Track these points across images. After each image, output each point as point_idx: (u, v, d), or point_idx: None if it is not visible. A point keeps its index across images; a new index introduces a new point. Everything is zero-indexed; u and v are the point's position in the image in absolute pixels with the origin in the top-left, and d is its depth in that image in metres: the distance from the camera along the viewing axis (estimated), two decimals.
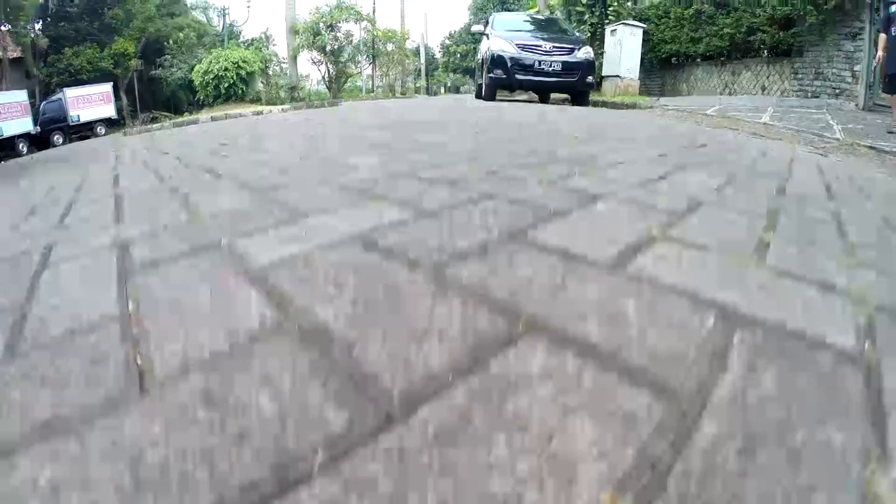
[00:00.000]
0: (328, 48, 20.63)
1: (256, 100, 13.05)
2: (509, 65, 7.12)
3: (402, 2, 34.60)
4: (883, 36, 3.76)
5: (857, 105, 5.71)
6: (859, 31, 5.62)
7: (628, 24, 8.79)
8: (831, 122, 4.60)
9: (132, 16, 20.12)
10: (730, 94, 7.94)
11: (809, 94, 6.38)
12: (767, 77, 7.11)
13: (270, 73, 21.35)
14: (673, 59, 9.21)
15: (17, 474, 0.45)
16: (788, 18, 6.17)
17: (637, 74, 9.07)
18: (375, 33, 21.61)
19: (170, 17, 22.50)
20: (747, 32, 7.00)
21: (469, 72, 34.08)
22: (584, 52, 7.29)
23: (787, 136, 4.00)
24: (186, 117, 10.84)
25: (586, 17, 9.91)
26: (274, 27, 33.25)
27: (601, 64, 9.71)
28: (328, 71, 21.61)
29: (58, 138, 16.06)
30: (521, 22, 8.78)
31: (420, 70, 34.97)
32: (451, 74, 39.79)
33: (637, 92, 9.10)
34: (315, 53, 21.21)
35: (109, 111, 17.77)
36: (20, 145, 14.24)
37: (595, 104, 7.59)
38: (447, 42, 39.68)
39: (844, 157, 3.20)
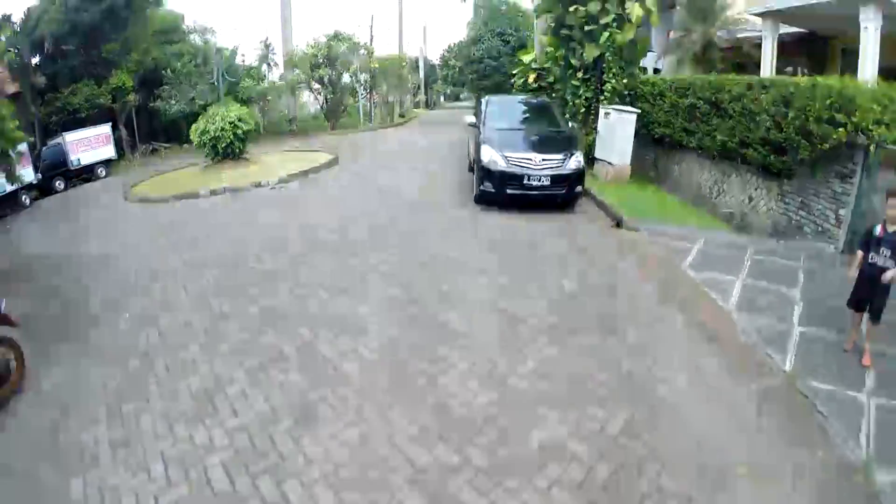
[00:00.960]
0: (326, 79, 20.78)
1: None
2: (498, 180, 7.33)
3: (400, 18, 34.31)
4: (860, 253, 3.88)
5: (836, 248, 5.87)
6: (850, 174, 5.75)
7: (622, 111, 8.92)
8: (796, 305, 4.75)
9: (129, 47, 20.12)
10: (718, 193, 8.08)
11: (793, 222, 6.54)
12: (756, 189, 7.24)
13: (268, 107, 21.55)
14: (666, 139, 9.31)
15: None
16: (781, 146, 6.31)
17: (629, 160, 9.22)
18: (373, 65, 21.57)
19: (168, 43, 22.49)
20: (740, 143, 7.13)
21: (466, 84, 34.20)
22: (575, 162, 7.47)
23: (734, 347, 4.19)
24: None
25: (581, 91, 10.00)
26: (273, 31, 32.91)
27: (594, 139, 9.88)
28: (326, 101, 21.74)
29: (59, 184, 16.33)
30: (514, 110, 8.91)
31: (419, 85, 34.98)
32: (451, 87, 39.65)
33: (628, 177, 9.27)
34: (314, 83, 21.37)
35: (109, 152, 18.01)
36: (23, 197, 14.47)
37: (581, 198, 7.70)
38: (446, 55, 39.45)
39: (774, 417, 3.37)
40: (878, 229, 3.74)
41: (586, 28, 9.31)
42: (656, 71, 14.06)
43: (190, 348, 4.53)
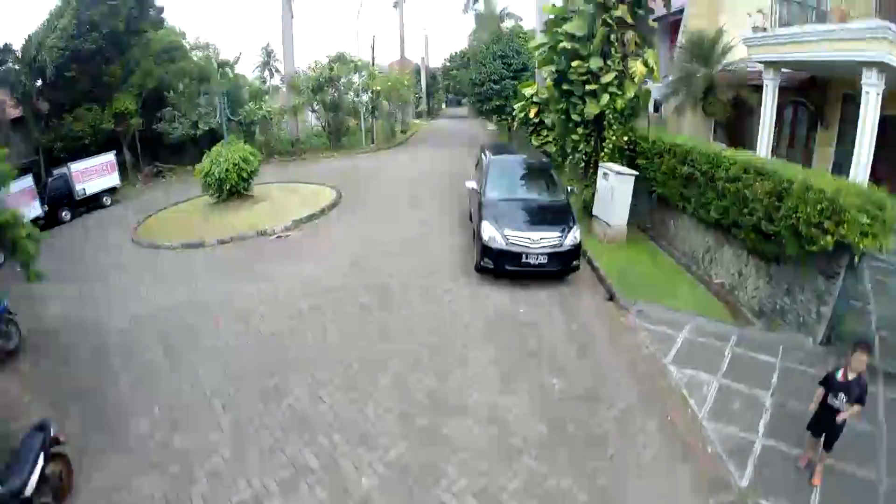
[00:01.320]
0: (329, 99, 20.90)
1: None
2: (498, 257, 7.56)
3: (402, 28, 34.41)
4: (819, 391, 4.16)
5: (814, 341, 6.11)
6: (835, 275, 5.95)
7: (621, 174, 9.06)
8: (765, 412, 5.02)
9: (131, 70, 20.26)
10: (710, 262, 8.28)
11: (777, 307, 6.74)
12: (746, 265, 7.43)
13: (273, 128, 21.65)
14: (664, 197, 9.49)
15: None
16: (770, 237, 6.51)
17: (626, 221, 9.41)
18: (375, 87, 21.64)
19: (170, 62, 22.57)
20: (733, 223, 7.32)
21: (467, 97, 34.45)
22: (572, 239, 7.69)
23: (700, 459, 4.50)
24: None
25: (581, 146, 10.15)
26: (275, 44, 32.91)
27: (593, 194, 10.07)
28: (329, 123, 21.88)
29: (66, 214, 16.59)
30: (514, 175, 9.08)
31: (420, 97, 35.09)
32: (452, 96, 39.75)
33: (625, 238, 9.49)
34: (316, 104, 21.50)
35: (114, 180, 18.24)
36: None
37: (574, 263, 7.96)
38: (448, 65, 39.39)
39: None
40: (840, 374, 4.02)
41: (587, 87, 9.43)
42: (656, 107, 14.12)
43: (221, 451, 4.83)
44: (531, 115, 14.35)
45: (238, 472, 4.58)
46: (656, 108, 14.18)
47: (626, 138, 9.67)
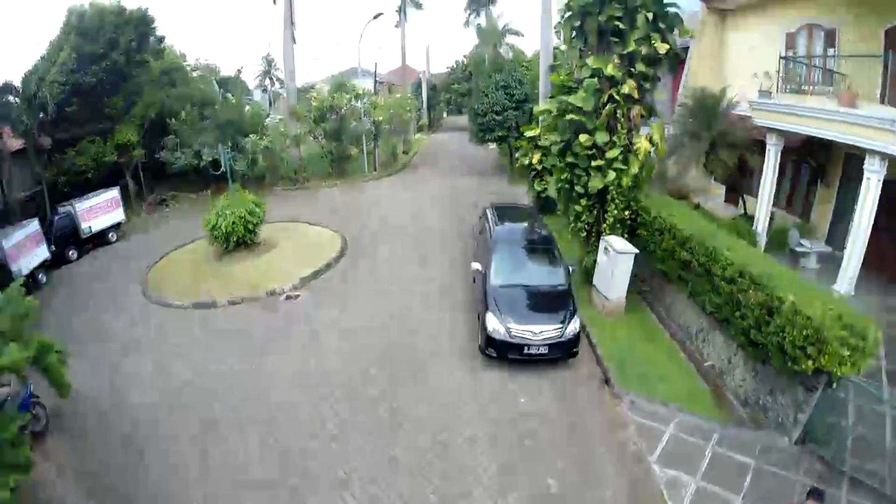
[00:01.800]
0: (331, 128, 21.19)
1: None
2: (501, 348, 8.07)
3: (403, 40, 34.43)
4: None
5: (789, 440, 6.63)
6: (814, 388, 6.42)
7: (622, 252, 9.46)
8: None
9: (133, 101, 20.52)
10: (703, 341, 8.73)
11: (759, 402, 7.23)
12: (735, 355, 7.89)
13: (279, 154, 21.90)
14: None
15: None
16: (758, 344, 6.96)
17: (625, 296, 9.86)
18: (378, 118, 21.89)
19: (171, 86, 22.80)
20: (726, 320, 7.76)
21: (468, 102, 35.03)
22: (572, 329, 8.16)
23: None
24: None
25: (584, 216, 10.52)
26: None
27: (594, 262, 10.48)
28: (331, 152, 22.18)
29: (72, 254, 16.99)
30: (518, 252, 9.46)
31: (421, 110, 35.33)
32: (453, 106, 39.96)
33: (623, 311, 9.92)
34: (319, 133, 21.78)
35: (119, 216, 18.62)
36: (39, 275, 15.15)
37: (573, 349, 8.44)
38: (449, 76, 39.49)
39: None
40: None
41: (593, 164, 9.75)
42: None
43: None
44: (534, 161, 14.64)
45: None
46: None
47: (627, 213, 10.03)
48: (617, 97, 9.28)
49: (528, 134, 14.92)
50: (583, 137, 9.65)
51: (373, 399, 8.00)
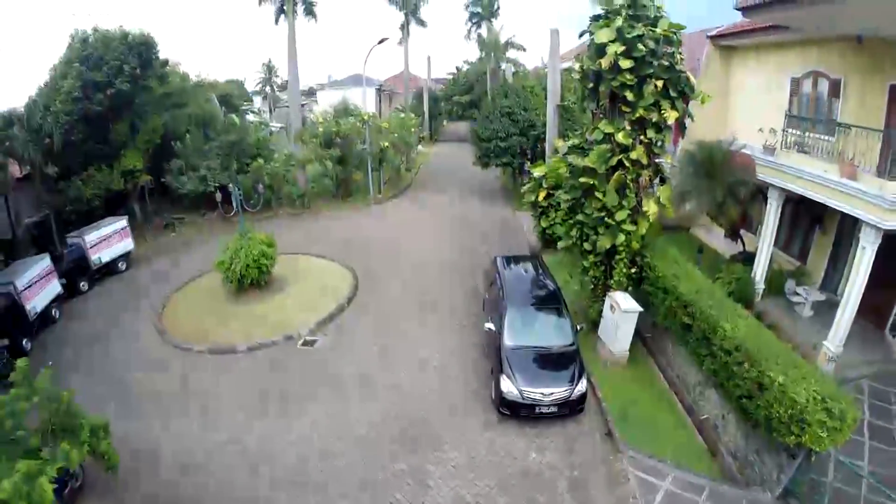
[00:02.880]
0: (336, 155, 22.07)
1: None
2: (514, 407, 9.08)
3: (406, 58, 35.25)
4: None
5: (772, 494, 7.66)
6: (796, 456, 7.41)
7: (626, 311, 10.42)
8: None
9: (137, 127, 21.30)
10: (700, 394, 9.69)
11: (748, 458, 8.24)
12: (729, 413, 8.84)
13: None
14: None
15: None
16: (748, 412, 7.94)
17: (628, 349, 10.84)
18: (384, 144, 22.76)
19: (175, 107, 23.54)
20: (721, 384, 8.74)
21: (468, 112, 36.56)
22: (579, 390, 9.15)
23: None
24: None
25: (591, 272, 11.47)
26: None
27: (599, 312, 11.46)
28: (336, 176, 23.05)
29: (83, 285, 17.80)
30: (528, 317, 10.41)
31: (423, 122, 36.39)
32: (455, 116, 40.99)
33: (626, 364, 10.91)
34: (325, 157, 22.67)
35: (128, 245, 19.39)
36: (52, 310, 15.96)
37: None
38: (450, 87, 40.42)
39: None
40: None
41: (601, 226, 10.64)
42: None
43: None
44: (540, 199, 15.57)
45: None
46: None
47: (633, 270, 10.97)
48: (627, 163, 10.13)
49: (536, 173, 15.90)
50: (593, 201, 10.53)
51: (395, 454, 8.98)
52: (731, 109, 16.63)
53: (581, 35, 10.42)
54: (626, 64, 9.30)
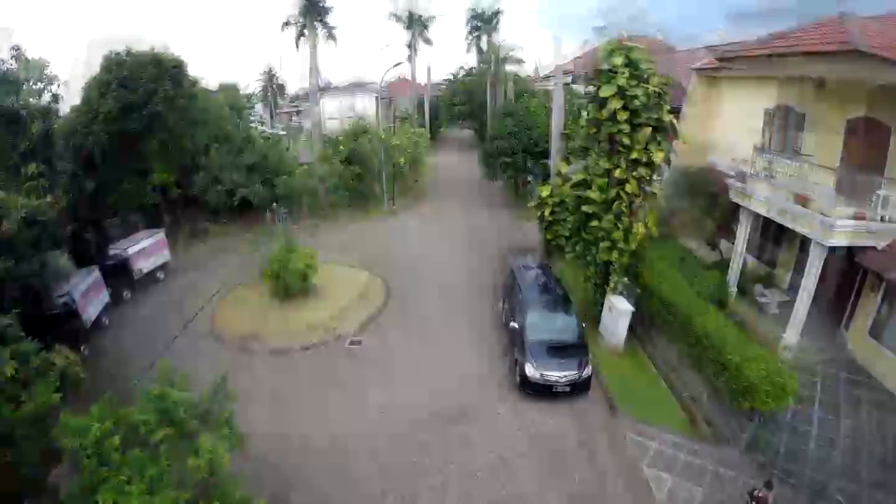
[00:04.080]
0: (355, 171, 24.89)
1: None
2: (534, 387, 12.00)
3: (413, 72, 38.05)
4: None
5: (739, 451, 10.59)
6: (753, 417, 10.42)
7: (622, 311, 13.40)
8: (698, 500, 9.54)
9: (168, 143, 23.82)
10: (681, 375, 12.63)
11: (719, 424, 11.17)
12: (702, 390, 11.83)
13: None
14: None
15: None
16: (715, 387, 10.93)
17: (623, 340, 13.84)
18: (400, 161, 25.62)
19: (198, 123, 26.03)
20: (696, 365, 11.72)
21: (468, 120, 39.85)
22: (586, 372, 12.09)
23: None
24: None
25: (593, 279, 14.47)
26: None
27: (602, 311, 14.41)
28: (354, 188, 25.85)
29: (126, 294, 20.29)
30: (546, 319, 13.18)
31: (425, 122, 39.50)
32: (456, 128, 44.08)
33: (622, 353, 13.89)
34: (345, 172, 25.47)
35: (166, 256, 21.95)
36: (103, 319, 18.38)
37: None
38: (450, 96, 43.50)
39: None
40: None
41: (602, 244, 13.54)
42: None
43: None
44: (546, 214, 18.48)
45: None
46: None
47: (626, 279, 13.96)
48: (622, 194, 13.04)
49: (543, 193, 18.81)
50: (594, 224, 13.50)
51: (439, 428, 11.82)
52: (714, 132, 19.66)
53: (587, 86, 13.28)
54: (623, 116, 12.23)
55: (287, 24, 25.57)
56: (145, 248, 21.12)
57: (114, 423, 7.03)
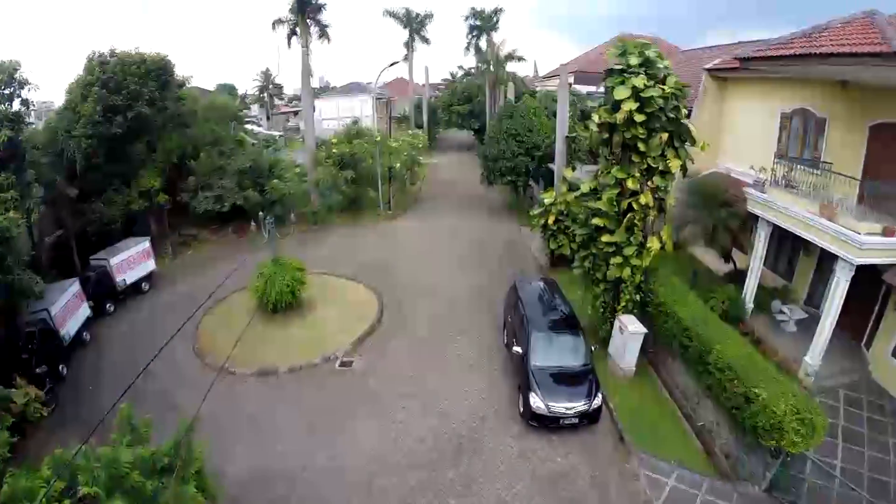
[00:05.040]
0: (349, 176, 23.85)
1: None
2: (541, 419, 11.03)
3: (410, 73, 37.03)
4: None
5: (759, 488, 9.67)
6: (778, 455, 9.45)
7: (633, 333, 12.41)
8: None
9: (154, 146, 22.78)
10: (697, 403, 11.68)
11: (738, 459, 10.25)
12: (721, 420, 10.85)
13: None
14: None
15: None
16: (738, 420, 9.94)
17: (634, 364, 12.84)
18: (396, 164, 24.58)
19: (188, 127, 25.02)
20: (716, 396, 10.73)
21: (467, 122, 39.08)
22: (596, 403, 11.10)
23: None
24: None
25: (601, 298, 13.45)
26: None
27: (610, 332, 13.42)
28: (348, 193, 24.83)
29: (109, 306, 19.29)
30: (552, 341, 12.15)
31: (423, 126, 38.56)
32: (455, 129, 43.20)
33: (633, 375, 12.87)
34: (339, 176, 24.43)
35: (150, 266, 20.95)
36: (84, 334, 17.36)
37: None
38: (448, 97, 42.52)
39: None
40: None
41: (612, 260, 12.51)
42: None
43: None
44: (550, 222, 17.53)
45: None
46: None
47: (639, 296, 12.94)
48: (636, 206, 12.00)
49: (547, 200, 17.87)
50: (605, 238, 12.42)
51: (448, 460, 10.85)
52: (725, 136, 18.70)
53: (601, 85, 12.18)
54: (639, 118, 11.09)
55: (279, 22, 24.48)
56: (129, 258, 20.12)
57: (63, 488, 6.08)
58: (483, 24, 36.91)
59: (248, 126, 34.89)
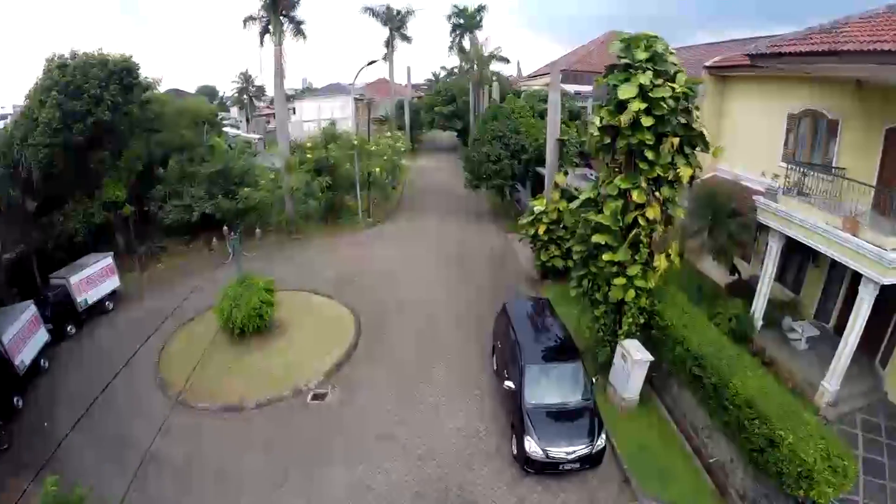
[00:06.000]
0: (325, 182, 22.36)
1: None
2: (539, 465, 9.75)
3: (391, 72, 35.57)
4: None
5: None
6: (803, 500, 8.27)
7: (637, 361, 11.13)
8: None
9: (119, 153, 21.10)
10: (708, 437, 10.52)
11: (756, 501, 9.09)
12: (736, 456, 9.66)
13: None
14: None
15: None
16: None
17: (637, 396, 11.61)
18: (376, 169, 23.13)
19: (153, 131, 23.33)
20: (738, 429, 9.54)
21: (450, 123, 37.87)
22: (599, 445, 9.83)
23: None
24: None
25: (601, 320, 12.13)
26: None
27: (609, 355, 12.16)
28: (326, 200, 23.34)
29: (70, 329, 17.68)
30: (547, 375, 10.82)
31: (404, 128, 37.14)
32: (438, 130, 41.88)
33: (636, 406, 11.65)
34: (314, 184, 22.93)
35: (114, 283, 19.32)
36: (41, 361, 15.81)
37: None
38: (431, 98, 41.17)
39: None
40: None
41: (614, 281, 11.17)
42: None
43: None
44: (540, 232, 16.24)
45: None
46: None
47: (643, 319, 11.66)
48: (642, 221, 10.63)
49: (537, 208, 16.56)
50: (606, 256, 10.97)
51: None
52: (725, 138, 17.49)
53: (601, 80, 10.72)
54: (647, 122, 9.69)
55: (251, 19, 22.84)
56: (91, 276, 18.50)
57: None
58: (466, 22, 35.60)
59: (227, 129, 33.15)
